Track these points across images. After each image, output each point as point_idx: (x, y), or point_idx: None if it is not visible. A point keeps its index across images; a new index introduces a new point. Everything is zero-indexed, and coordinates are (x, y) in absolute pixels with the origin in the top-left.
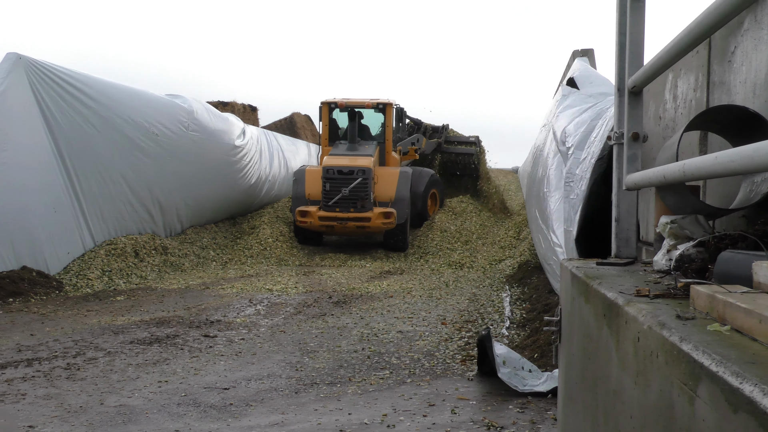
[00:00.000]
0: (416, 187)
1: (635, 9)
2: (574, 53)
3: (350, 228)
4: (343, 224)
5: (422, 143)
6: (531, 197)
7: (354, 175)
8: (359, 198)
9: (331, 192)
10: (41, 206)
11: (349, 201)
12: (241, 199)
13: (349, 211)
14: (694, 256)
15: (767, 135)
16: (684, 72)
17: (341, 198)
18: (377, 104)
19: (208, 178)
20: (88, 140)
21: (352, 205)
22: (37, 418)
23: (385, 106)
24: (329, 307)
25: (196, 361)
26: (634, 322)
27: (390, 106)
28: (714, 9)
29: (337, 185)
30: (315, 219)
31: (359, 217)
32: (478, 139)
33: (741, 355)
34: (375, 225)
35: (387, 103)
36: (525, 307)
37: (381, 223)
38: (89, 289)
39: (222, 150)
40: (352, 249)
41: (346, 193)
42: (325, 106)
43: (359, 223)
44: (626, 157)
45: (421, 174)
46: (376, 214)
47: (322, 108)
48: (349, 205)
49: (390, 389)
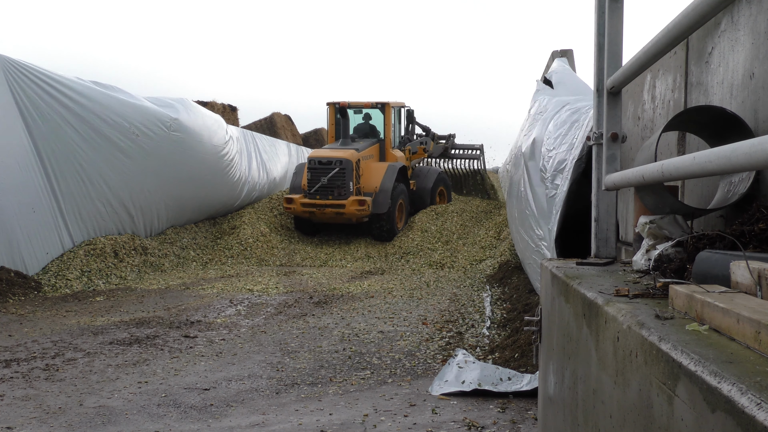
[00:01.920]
0: (425, 184)
1: (613, 10)
2: (554, 53)
3: (328, 214)
4: (322, 210)
5: (430, 146)
6: (511, 197)
7: (333, 165)
8: (337, 186)
9: (312, 181)
10: (19, 206)
11: (328, 189)
12: (222, 200)
13: (328, 198)
14: (673, 256)
15: (744, 135)
16: (662, 73)
17: (321, 186)
18: (376, 104)
19: (188, 178)
20: (67, 140)
21: (330, 193)
22: (15, 420)
23: (384, 105)
24: (310, 308)
25: (176, 361)
26: (614, 322)
27: (388, 106)
28: (691, 10)
29: (318, 175)
30: (298, 205)
31: (336, 204)
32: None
33: (719, 355)
34: (350, 212)
35: (385, 103)
36: (505, 306)
37: (355, 210)
38: (68, 290)
39: (203, 150)
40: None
41: (325, 182)
42: (331, 107)
43: (336, 210)
44: (605, 158)
45: (430, 172)
46: (351, 201)
47: (329, 108)
48: (327, 193)
49: (371, 389)
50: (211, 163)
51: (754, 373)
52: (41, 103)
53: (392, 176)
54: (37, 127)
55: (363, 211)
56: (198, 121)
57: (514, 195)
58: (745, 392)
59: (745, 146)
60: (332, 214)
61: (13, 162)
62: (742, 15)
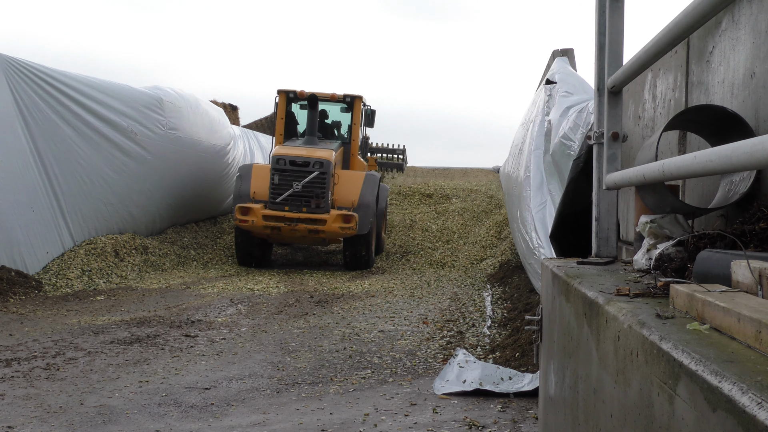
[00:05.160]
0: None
1: (614, 9)
2: (554, 53)
3: (300, 231)
4: (293, 226)
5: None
6: (512, 197)
7: (310, 167)
8: (314, 196)
9: (280, 186)
10: (18, 206)
11: (301, 199)
12: (223, 199)
13: (301, 211)
14: (674, 256)
15: (745, 135)
16: (663, 72)
17: (292, 194)
18: (344, 97)
19: (189, 177)
20: (67, 139)
21: (305, 203)
22: (16, 419)
23: (353, 100)
24: (311, 307)
25: (176, 361)
26: (614, 321)
27: (359, 101)
28: (692, 9)
29: (289, 179)
30: (258, 218)
31: (313, 218)
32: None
33: (719, 354)
34: (331, 229)
35: (356, 96)
36: (506, 306)
37: (339, 228)
38: (69, 289)
39: (204, 149)
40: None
41: (299, 189)
42: (282, 96)
43: (312, 226)
44: (606, 157)
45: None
46: (334, 216)
47: (279, 98)
48: (301, 204)
49: (372, 389)
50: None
51: (755, 372)
52: (40, 101)
53: (373, 189)
54: (36, 125)
55: (348, 230)
56: (198, 119)
57: (515, 195)
58: (746, 391)
59: (746, 145)
60: (304, 231)
61: (11, 161)
62: (743, 14)
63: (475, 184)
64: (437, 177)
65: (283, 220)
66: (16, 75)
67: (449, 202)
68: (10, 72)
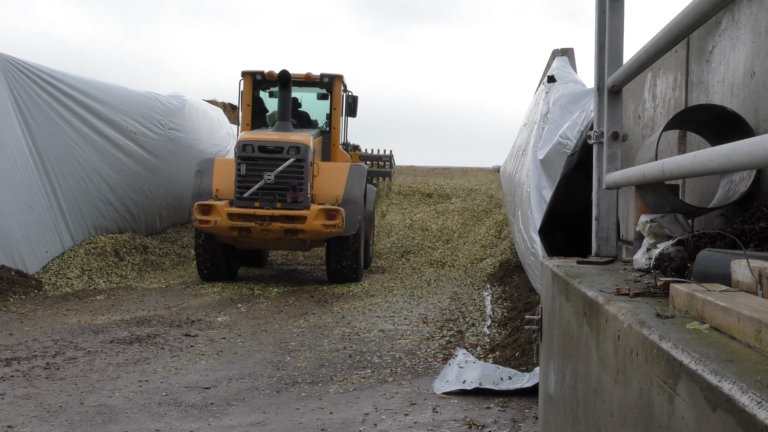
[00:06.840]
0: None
1: (614, 9)
2: (554, 52)
3: (275, 233)
4: (265, 226)
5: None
6: (512, 197)
7: (284, 153)
8: (290, 188)
9: (248, 178)
10: (17, 205)
11: (274, 192)
12: None
13: (275, 207)
14: (674, 255)
15: (745, 134)
16: (663, 71)
17: (264, 188)
18: (322, 77)
19: (189, 177)
20: (66, 139)
21: (279, 198)
22: (16, 418)
23: (332, 80)
24: (310, 306)
25: (176, 360)
26: (614, 321)
27: (339, 81)
28: (692, 9)
29: (258, 169)
30: (223, 217)
31: (289, 215)
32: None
33: (719, 353)
34: (313, 228)
35: (336, 75)
36: (506, 305)
37: (321, 226)
38: (69, 289)
39: (204, 149)
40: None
41: (271, 180)
42: (248, 79)
43: (289, 225)
44: (606, 156)
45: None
46: (315, 212)
47: (244, 81)
48: (274, 199)
49: (371, 388)
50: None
51: (755, 371)
52: (39, 101)
53: (360, 182)
54: (35, 125)
55: (332, 228)
56: (197, 118)
57: (516, 195)
58: (746, 391)
59: (746, 145)
60: (280, 232)
61: (9, 161)
62: (742, 14)
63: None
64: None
65: (254, 218)
66: (15, 75)
67: (449, 202)
68: (10, 72)
